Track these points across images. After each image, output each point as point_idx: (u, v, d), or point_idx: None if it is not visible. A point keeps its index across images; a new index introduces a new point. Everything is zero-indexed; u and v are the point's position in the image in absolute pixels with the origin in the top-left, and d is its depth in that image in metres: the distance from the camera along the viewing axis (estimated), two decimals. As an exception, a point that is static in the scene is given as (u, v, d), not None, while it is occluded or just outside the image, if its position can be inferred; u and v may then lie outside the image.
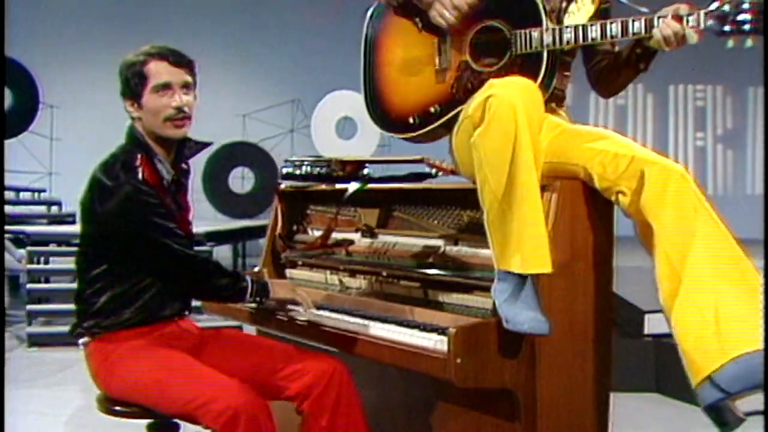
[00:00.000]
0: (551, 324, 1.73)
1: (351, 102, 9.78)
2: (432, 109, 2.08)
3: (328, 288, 2.48)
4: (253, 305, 2.15)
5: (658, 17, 1.83)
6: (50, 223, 7.78)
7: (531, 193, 1.73)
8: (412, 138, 2.17)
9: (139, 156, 1.95)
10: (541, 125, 1.83)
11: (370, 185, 2.41)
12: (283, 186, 2.73)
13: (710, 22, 1.77)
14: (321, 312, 2.19)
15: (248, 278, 2.04)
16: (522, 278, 1.74)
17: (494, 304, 1.79)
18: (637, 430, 3.27)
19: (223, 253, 7.86)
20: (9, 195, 8.21)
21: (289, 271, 2.66)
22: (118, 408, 1.96)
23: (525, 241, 1.72)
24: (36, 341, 5.49)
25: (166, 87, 1.95)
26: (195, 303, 2.25)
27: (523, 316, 1.71)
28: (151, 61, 1.95)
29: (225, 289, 2.01)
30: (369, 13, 2.25)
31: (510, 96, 1.74)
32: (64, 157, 9.99)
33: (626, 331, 3.84)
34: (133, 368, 1.89)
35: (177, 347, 1.97)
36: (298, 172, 2.64)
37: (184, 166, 2.10)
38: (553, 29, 1.92)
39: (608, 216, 1.90)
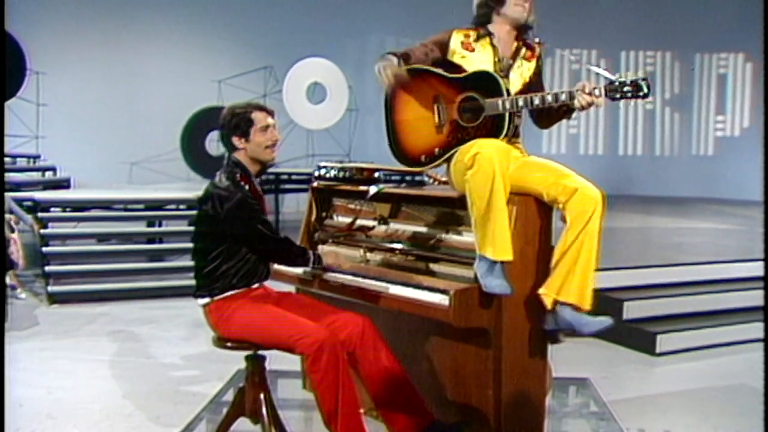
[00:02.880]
0: (513, 288, 2.76)
1: (320, 68, 10.36)
2: (436, 152, 3.05)
3: (353, 259, 3.39)
4: (311, 269, 3.06)
5: (577, 90, 2.85)
6: (45, 188, 7.98)
7: (502, 210, 2.76)
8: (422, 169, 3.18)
9: (238, 174, 2.87)
10: (509, 165, 2.83)
11: (386, 189, 3.35)
12: (315, 184, 3.66)
13: (608, 93, 2.85)
14: (355, 278, 3.13)
15: (310, 252, 3.00)
16: (494, 260, 2.75)
17: (476, 275, 2.80)
18: (573, 365, 4.03)
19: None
20: (6, 161, 8.40)
21: (320, 247, 3.57)
22: (230, 344, 2.86)
23: (497, 240, 2.74)
24: (57, 299, 5.95)
25: (267, 127, 2.91)
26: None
27: (495, 283, 2.74)
28: (255, 111, 2.90)
29: (297, 257, 2.97)
30: None
31: (490, 153, 2.76)
32: (49, 122, 10.50)
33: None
34: (247, 317, 2.80)
35: (267, 303, 2.90)
36: (327, 174, 3.61)
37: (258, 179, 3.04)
38: (511, 99, 2.91)
39: (548, 219, 2.93)
